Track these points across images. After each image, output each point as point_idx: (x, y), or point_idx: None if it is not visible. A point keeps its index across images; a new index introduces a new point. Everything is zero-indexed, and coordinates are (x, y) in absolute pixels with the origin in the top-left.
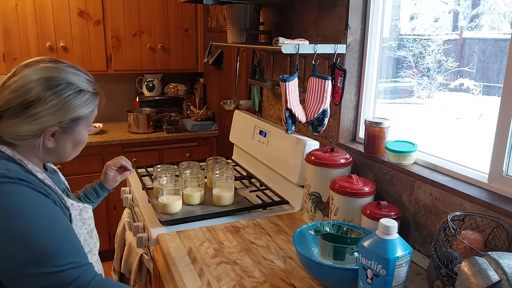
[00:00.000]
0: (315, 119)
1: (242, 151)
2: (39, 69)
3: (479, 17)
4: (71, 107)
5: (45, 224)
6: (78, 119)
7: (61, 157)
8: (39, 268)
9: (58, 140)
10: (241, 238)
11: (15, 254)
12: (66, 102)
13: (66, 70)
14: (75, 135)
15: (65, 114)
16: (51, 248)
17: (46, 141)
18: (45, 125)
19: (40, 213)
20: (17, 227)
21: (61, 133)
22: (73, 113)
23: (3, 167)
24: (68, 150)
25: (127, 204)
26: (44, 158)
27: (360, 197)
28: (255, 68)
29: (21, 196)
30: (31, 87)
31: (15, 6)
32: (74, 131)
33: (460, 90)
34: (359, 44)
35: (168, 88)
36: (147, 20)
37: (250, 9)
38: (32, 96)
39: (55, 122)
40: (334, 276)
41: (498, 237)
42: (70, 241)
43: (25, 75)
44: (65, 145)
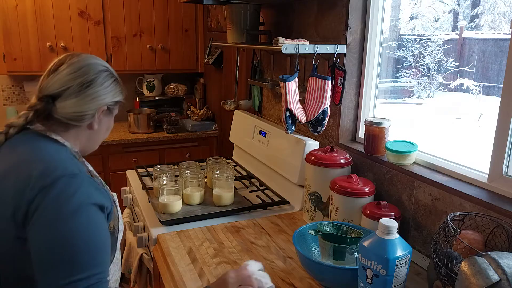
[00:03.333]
0: (315, 119)
1: (242, 151)
2: (89, 56)
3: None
4: (116, 90)
5: (91, 233)
6: (118, 102)
7: (96, 142)
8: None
9: (101, 121)
10: (241, 238)
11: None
12: (114, 85)
13: (102, 60)
14: (111, 119)
15: (113, 95)
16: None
17: (94, 123)
18: (100, 104)
19: (92, 220)
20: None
21: (105, 114)
22: (117, 96)
23: (76, 168)
24: (103, 133)
25: (127, 204)
26: (83, 145)
27: (360, 197)
28: (255, 68)
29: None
30: (88, 69)
31: (15, 6)
32: (112, 115)
33: (460, 90)
34: (359, 44)
35: (168, 88)
36: (147, 20)
37: (250, 9)
38: (90, 76)
39: (108, 102)
40: (334, 276)
41: (498, 237)
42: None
43: (80, 60)
44: (102, 127)
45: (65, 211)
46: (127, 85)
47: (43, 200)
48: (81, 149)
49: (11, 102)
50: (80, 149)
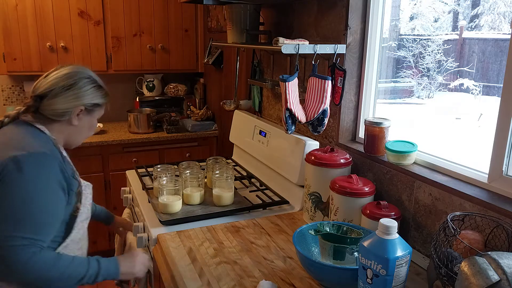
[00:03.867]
0: (315, 119)
1: (242, 151)
2: (77, 66)
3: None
4: (95, 95)
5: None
6: (98, 105)
7: (78, 137)
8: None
9: (81, 119)
10: (241, 238)
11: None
12: (91, 90)
13: (90, 71)
14: (92, 119)
15: (89, 98)
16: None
17: (73, 118)
18: (78, 104)
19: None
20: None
21: (85, 114)
22: (95, 99)
23: (47, 148)
24: (85, 131)
25: (127, 204)
26: (66, 138)
27: (360, 197)
28: (255, 68)
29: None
30: (72, 75)
31: (15, 6)
32: (92, 115)
33: (460, 90)
34: (359, 44)
35: (168, 88)
36: (147, 20)
37: (250, 9)
38: (72, 81)
39: (85, 102)
40: (334, 276)
41: (498, 237)
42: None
43: (67, 69)
44: (84, 125)
45: (27, 178)
46: (127, 85)
47: (10, 166)
48: (65, 141)
49: (11, 102)
50: (64, 142)
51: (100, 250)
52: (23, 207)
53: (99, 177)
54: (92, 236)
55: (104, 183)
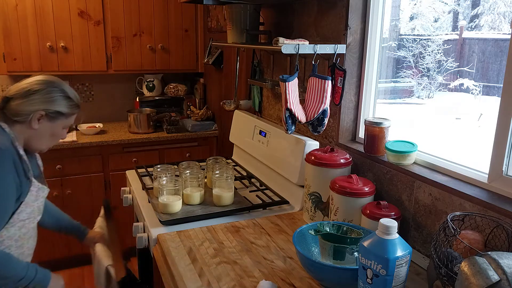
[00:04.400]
0: (315, 119)
1: (242, 151)
2: (54, 77)
3: (479, 17)
4: (58, 103)
5: None
6: (61, 114)
7: (38, 142)
8: None
9: (41, 124)
10: (241, 238)
11: None
12: (56, 98)
13: (65, 84)
14: (54, 127)
15: (52, 105)
16: None
17: (33, 122)
18: (38, 108)
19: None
20: None
21: (45, 119)
22: (57, 107)
23: (3, 144)
24: (46, 137)
25: (127, 204)
26: (27, 140)
27: (360, 197)
28: (255, 68)
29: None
30: (40, 83)
31: (15, 6)
32: (55, 123)
33: (460, 90)
34: (359, 44)
35: (168, 88)
36: (147, 20)
37: (250, 9)
38: (35, 87)
39: (46, 108)
40: (334, 276)
41: (498, 237)
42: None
43: (42, 76)
44: (45, 131)
45: None
46: (127, 85)
47: None
48: (26, 143)
49: None
50: (25, 144)
51: None
52: None
53: (99, 177)
54: None
55: (104, 183)
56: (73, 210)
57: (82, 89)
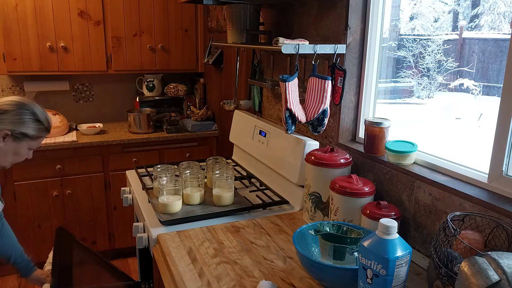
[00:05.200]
0: (315, 119)
1: (242, 151)
2: (21, 98)
3: (479, 17)
4: (26, 125)
5: None
6: (26, 135)
7: (2, 158)
8: None
9: (6, 143)
10: (241, 238)
11: None
12: (25, 120)
13: (37, 107)
14: (19, 147)
15: (19, 127)
16: None
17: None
18: (3, 128)
19: None
20: None
21: (10, 140)
22: (24, 129)
23: None
24: (10, 155)
25: (127, 204)
26: None
27: (360, 197)
28: (255, 68)
29: None
30: (10, 103)
31: (15, 6)
32: (20, 143)
33: (460, 90)
34: (359, 44)
35: (168, 88)
36: (147, 20)
37: (250, 9)
38: (6, 108)
39: (12, 128)
40: (334, 276)
41: (498, 237)
42: None
43: (17, 97)
44: (9, 149)
45: None
46: (127, 85)
47: None
48: None
49: None
50: None
51: (100, 250)
52: None
53: (99, 177)
54: (91, 236)
55: (104, 183)
56: (73, 210)
57: (82, 89)
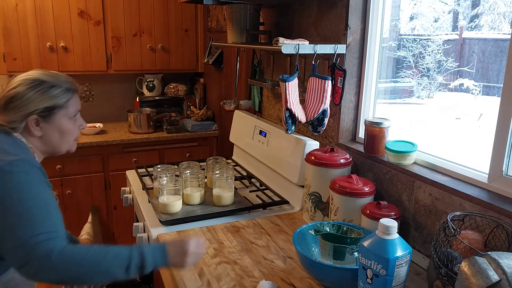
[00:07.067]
0: (315, 119)
1: (242, 151)
2: (20, 76)
3: (479, 17)
4: (44, 97)
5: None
6: (54, 108)
7: (53, 146)
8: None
9: (43, 128)
10: (241, 238)
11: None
12: (38, 94)
13: (43, 73)
14: (57, 124)
15: (39, 103)
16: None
17: (32, 129)
18: (24, 113)
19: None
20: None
21: (42, 122)
22: (47, 103)
23: (26, 155)
24: (56, 139)
25: (127, 204)
26: (42, 148)
27: (360, 197)
28: (255, 68)
29: (27, 175)
30: (11, 88)
31: (15, 6)
32: (55, 120)
33: (460, 90)
34: (359, 44)
35: (168, 88)
36: (147, 20)
37: (250, 9)
38: (11, 94)
39: (31, 110)
40: (334, 276)
41: (498, 237)
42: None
43: (14, 79)
44: (51, 133)
45: (17, 182)
46: (127, 85)
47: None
48: (44, 150)
49: None
50: (43, 150)
51: None
52: (27, 208)
53: (99, 177)
54: None
55: (104, 183)
56: (73, 210)
57: (82, 89)
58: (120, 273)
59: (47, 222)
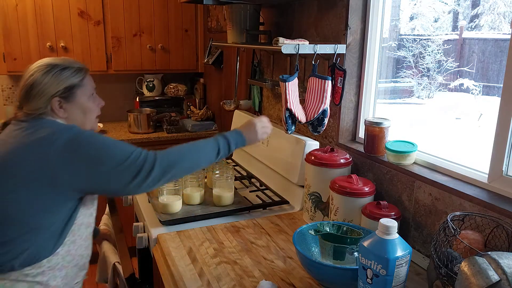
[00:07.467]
0: (315, 119)
1: (242, 151)
2: (32, 66)
3: (479, 17)
4: (60, 79)
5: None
6: (72, 87)
7: (78, 125)
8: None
9: (66, 109)
10: (241, 238)
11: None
12: (55, 77)
13: (53, 59)
14: (78, 103)
15: (57, 86)
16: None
17: (57, 112)
18: (46, 98)
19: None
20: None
21: (65, 103)
22: (64, 83)
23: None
24: (80, 118)
25: (127, 204)
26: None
27: (360, 197)
28: (255, 68)
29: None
30: (26, 77)
31: (15, 6)
32: (75, 99)
33: (460, 90)
34: (359, 44)
35: (168, 88)
36: (147, 20)
37: (250, 9)
38: (29, 83)
39: (52, 93)
40: (334, 276)
41: (498, 237)
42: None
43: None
44: (75, 113)
45: (86, 140)
46: (127, 85)
47: (74, 140)
48: None
49: (11, 102)
50: None
51: None
52: (112, 143)
53: None
54: None
55: None
56: None
57: None
58: (213, 157)
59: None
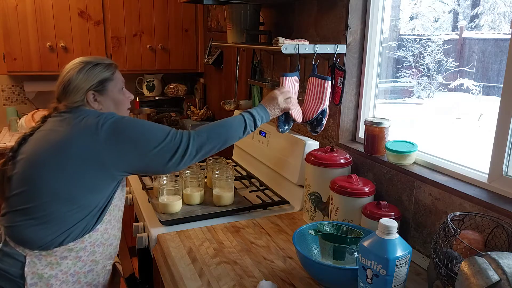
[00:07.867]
0: (313, 119)
1: (242, 151)
2: (67, 66)
3: (479, 17)
4: (93, 75)
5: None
6: (104, 81)
7: (116, 111)
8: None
9: (100, 102)
10: (241, 238)
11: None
12: (87, 73)
13: (85, 57)
14: (111, 96)
15: (91, 81)
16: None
17: (92, 105)
18: (82, 92)
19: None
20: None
21: (99, 96)
22: (96, 78)
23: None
24: (112, 107)
25: (127, 204)
26: None
27: (360, 197)
28: (255, 68)
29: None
30: (63, 75)
31: (15, 6)
32: (108, 92)
33: (460, 90)
34: (359, 44)
35: (168, 88)
36: (147, 20)
37: (250, 9)
38: (66, 80)
39: (87, 87)
40: (334, 276)
41: (498, 237)
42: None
43: (64, 69)
44: (108, 105)
45: (127, 124)
46: (127, 85)
47: (114, 124)
48: None
49: (11, 102)
50: None
51: None
52: (150, 125)
53: None
54: None
55: None
56: None
57: None
58: (240, 133)
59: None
